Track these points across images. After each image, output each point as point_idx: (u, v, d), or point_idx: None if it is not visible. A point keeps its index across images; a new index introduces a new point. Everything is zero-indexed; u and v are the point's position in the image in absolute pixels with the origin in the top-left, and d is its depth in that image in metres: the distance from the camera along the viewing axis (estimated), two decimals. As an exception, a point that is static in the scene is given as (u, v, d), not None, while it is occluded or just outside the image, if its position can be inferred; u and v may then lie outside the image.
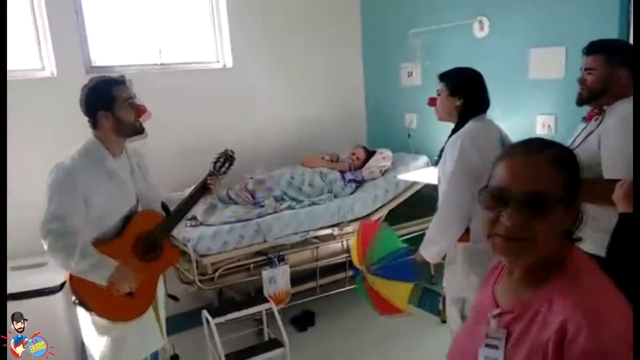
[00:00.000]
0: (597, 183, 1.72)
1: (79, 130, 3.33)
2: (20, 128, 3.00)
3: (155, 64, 3.62)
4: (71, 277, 1.85)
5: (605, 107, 1.92)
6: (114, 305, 1.88)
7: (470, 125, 2.14)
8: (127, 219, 1.98)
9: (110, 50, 3.49)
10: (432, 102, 2.28)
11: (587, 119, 2.05)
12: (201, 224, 3.13)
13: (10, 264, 2.79)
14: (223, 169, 2.26)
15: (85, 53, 3.32)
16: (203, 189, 2.16)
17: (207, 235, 2.99)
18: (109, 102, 1.90)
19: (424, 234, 2.42)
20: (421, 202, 3.52)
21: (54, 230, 1.74)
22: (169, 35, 3.67)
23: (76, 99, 3.40)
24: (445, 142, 2.22)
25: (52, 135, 3.01)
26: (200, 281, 2.98)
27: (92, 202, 1.85)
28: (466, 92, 2.17)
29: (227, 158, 2.27)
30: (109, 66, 3.45)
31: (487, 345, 0.93)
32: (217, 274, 3.02)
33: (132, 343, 1.99)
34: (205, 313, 2.83)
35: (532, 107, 3.13)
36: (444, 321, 2.87)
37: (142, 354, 2.06)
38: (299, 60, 4.10)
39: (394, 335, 3.14)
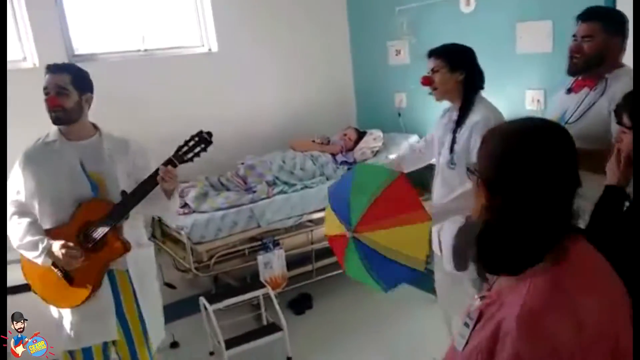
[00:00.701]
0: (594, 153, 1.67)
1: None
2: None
3: (138, 50, 3.56)
4: (22, 264, 1.97)
5: (606, 75, 1.87)
6: (54, 290, 1.94)
7: (489, 106, 2.08)
8: (77, 207, 1.92)
9: (93, 37, 3.43)
10: (426, 81, 2.14)
11: (575, 90, 1.99)
12: (194, 211, 3.12)
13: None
14: (190, 154, 1.93)
15: (67, 42, 3.25)
16: (152, 180, 1.88)
17: (201, 222, 2.98)
18: None
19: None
20: (413, 182, 3.52)
21: (10, 212, 1.93)
22: (152, 20, 3.60)
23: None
24: (457, 123, 2.10)
25: (36, 127, 2.95)
26: (196, 268, 2.98)
27: (41, 184, 1.91)
28: (468, 65, 2.09)
29: (200, 140, 1.94)
30: (92, 54, 3.39)
31: (464, 324, 0.96)
32: (212, 260, 3.02)
33: (77, 327, 1.97)
34: (202, 300, 2.84)
35: (521, 82, 3.13)
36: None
37: (90, 340, 2.02)
38: (286, 42, 4.05)
39: (390, 314, 3.18)
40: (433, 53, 2.14)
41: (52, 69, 1.92)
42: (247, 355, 2.73)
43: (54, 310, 2.02)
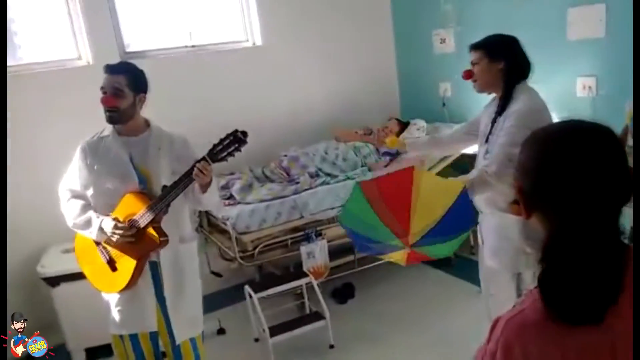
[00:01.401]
0: None
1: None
2: (61, 118, 3.12)
3: (186, 46, 3.66)
4: (76, 253, 2.14)
5: None
6: (101, 275, 2.08)
7: (533, 93, 1.98)
8: (125, 197, 2.02)
9: (143, 35, 3.55)
10: (468, 75, 2.10)
11: None
12: (239, 202, 3.20)
13: (61, 247, 2.94)
14: (224, 153, 1.92)
15: (119, 39, 3.39)
16: (187, 177, 1.91)
17: (245, 213, 3.06)
18: None
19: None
20: (458, 172, 3.47)
21: (63, 195, 2.10)
22: (199, 17, 3.70)
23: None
24: (497, 113, 2.04)
25: (90, 122, 3.11)
26: (241, 258, 3.06)
27: (94, 175, 2.04)
28: (508, 53, 2.02)
29: (234, 140, 1.94)
30: (142, 51, 3.52)
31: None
32: (256, 250, 3.09)
33: (120, 314, 2.08)
34: (247, 288, 2.92)
35: (571, 69, 3.02)
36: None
37: (131, 328, 2.12)
38: (329, 34, 4.05)
39: (433, 306, 3.16)
40: (473, 46, 2.09)
41: (110, 69, 1.99)
42: (291, 342, 2.79)
43: (104, 295, 2.14)
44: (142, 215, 1.94)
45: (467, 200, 1.69)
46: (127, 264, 2.01)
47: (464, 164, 2.80)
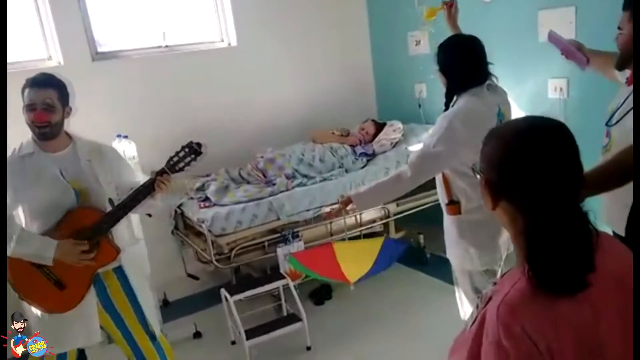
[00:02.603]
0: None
1: (87, 118, 3.37)
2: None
3: (159, 47, 3.62)
4: (8, 270, 1.90)
5: None
6: (45, 295, 1.94)
7: (464, 102, 1.99)
8: (65, 215, 1.94)
9: (115, 35, 3.50)
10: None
11: (629, 82, 1.79)
12: (214, 204, 3.17)
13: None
14: (181, 164, 1.98)
15: (91, 40, 3.33)
16: (147, 189, 1.94)
17: (221, 215, 3.03)
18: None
19: (435, 206, 2.43)
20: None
21: None
22: (172, 16, 3.65)
23: (84, 88, 3.43)
24: None
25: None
26: (217, 260, 3.04)
27: (22, 195, 1.91)
28: (448, 72, 2.04)
29: (190, 151, 1.99)
30: (115, 51, 3.46)
31: (476, 306, 0.97)
32: (233, 252, 3.07)
33: (56, 334, 1.98)
34: (223, 291, 2.90)
35: (543, 71, 3.07)
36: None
37: (73, 344, 2.05)
38: (305, 35, 4.05)
39: (408, 304, 3.19)
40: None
41: (38, 83, 1.90)
42: (268, 345, 2.78)
43: (35, 312, 2.02)
44: (96, 230, 1.92)
45: (391, 242, 1.97)
46: (78, 280, 1.96)
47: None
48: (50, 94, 1.89)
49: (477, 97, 2.00)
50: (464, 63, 2.02)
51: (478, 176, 0.99)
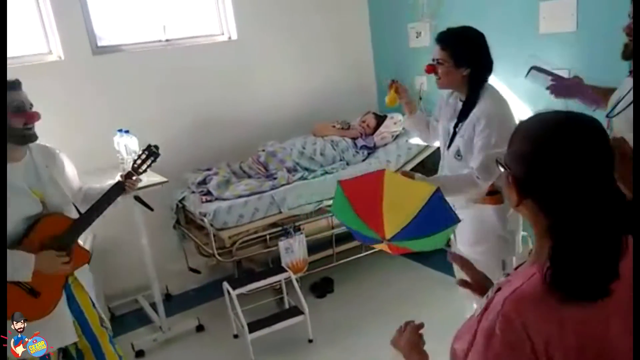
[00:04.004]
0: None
1: (88, 113, 3.38)
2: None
3: (160, 40, 3.60)
4: None
5: None
6: (18, 304, 1.87)
7: (496, 95, 2.02)
8: (34, 222, 1.89)
9: (115, 29, 3.48)
10: (430, 70, 2.06)
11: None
12: (216, 198, 3.18)
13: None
14: (144, 166, 2.16)
15: (91, 34, 3.31)
16: (118, 190, 2.08)
17: (223, 209, 3.04)
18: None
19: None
20: (434, 166, 3.51)
21: None
22: (172, 10, 3.64)
23: (84, 82, 3.43)
24: (459, 117, 2.08)
25: (61, 119, 3.06)
26: (219, 254, 3.04)
27: None
28: (473, 59, 1.98)
29: (150, 154, 2.17)
30: (115, 45, 3.45)
31: (486, 296, 0.96)
32: (235, 246, 3.07)
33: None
34: (226, 285, 2.91)
35: (544, 62, 3.05)
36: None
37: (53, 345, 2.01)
38: (305, 28, 4.03)
39: (410, 298, 3.20)
40: (439, 42, 2.03)
41: (19, 85, 1.87)
42: (270, 338, 2.80)
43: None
44: (68, 236, 1.94)
45: (440, 201, 1.71)
46: (52, 286, 1.95)
47: (433, 163, 2.82)
48: (25, 93, 1.88)
49: (495, 89, 2.03)
50: (486, 52, 2.02)
51: (502, 169, 0.94)
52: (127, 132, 2.97)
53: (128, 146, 3.02)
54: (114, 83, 3.37)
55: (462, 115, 2.07)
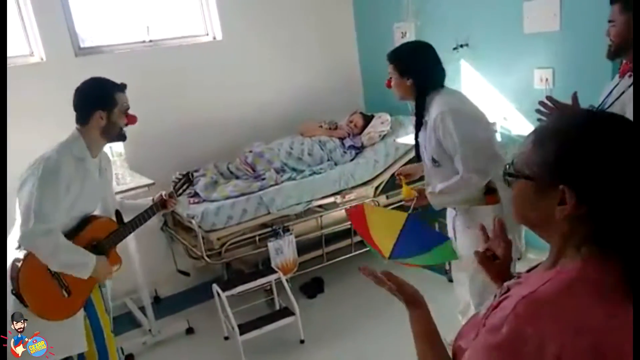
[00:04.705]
0: None
1: (71, 116, 3.31)
2: (11, 117, 2.98)
3: (143, 41, 3.56)
4: (16, 267, 1.88)
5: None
6: (49, 303, 1.93)
7: (442, 98, 2.11)
8: (85, 222, 2.02)
9: (98, 30, 3.43)
10: (388, 83, 2.25)
11: (621, 74, 1.90)
12: (204, 200, 3.15)
13: None
14: (181, 191, 2.36)
15: (73, 35, 3.26)
16: (158, 208, 2.26)
17: (211, 211, 3.02)
18: (110, 104, 2.00)
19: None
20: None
21: (38, 231, 1.80)
22: (156, 10, 3.60)
23: (67, 84, 3.36)
24: (416, 126, 2.24)
25: (43, 121, 3.01)
26: (208, 256, 3.02)
27: (66, 198, 1.91)
28: (415, 70, 2.14)
29: (187, 180, 2.36)
30: (98, 46, 3.40)
31: (494, 295, 0.95)
32: (224, 248, 3.05)
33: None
34: (215, 287, 2.89)
35: (529, 62, 3.10)
36: (450, 280, 2.92)
37: (60, 354, 2.00)
38: (291, 27, 4.03)
39: (401, 296, 3.21)
40: (387, 57, 2.20)
41: (125, 87, 2.09)
42: (261, 339, 2.79)
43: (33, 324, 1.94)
44: (109, 241, 2.08)
45: (417, 225, 1.77)
46: (82, 286, 2.00)
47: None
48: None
49: (445, 94, 2.14)
50: (433, 62, 2.17)
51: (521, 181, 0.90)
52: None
53: (112, 148, 2.98)
54: (98, 84, 3.31)
55: (417, 124, 2.23)
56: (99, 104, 1.99)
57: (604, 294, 0.82)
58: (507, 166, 0.93)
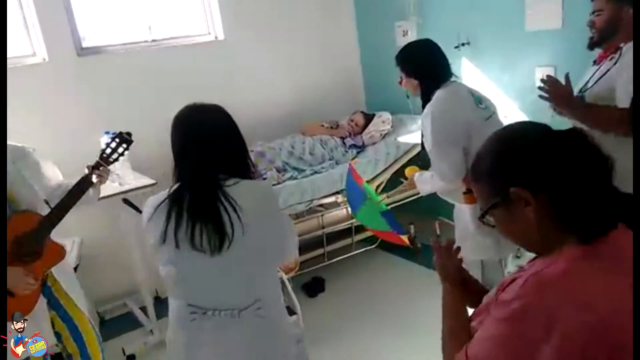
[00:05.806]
0: (604, 108, 1.84)
1: (73, 115, 3.33)
2: (15, 117, 2.99)
3: (145, 41, 3.57)
4: None
5: (622, 45, 1.92)
6: None
7: (437, 95, 2.18)
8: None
9: (100, 30, 3.44)
10: (400, 82, 2.36)
11: (597, 62, 2.07)
12: (206, 199, 3.15)
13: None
14: (115, 155, 2.03)
15: (75, 35, 3.27)
16: (86, 184, 1.96)
17: (213, 210, 3.01)
18: None
19: (425, 197, 2.46)
20: (423, 164, 3.52)
21: None
22: (158, 10, 3.60)
23: (70, 83, 3.38)
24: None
25: (45, 120, 3.03)
26: (210, 255, 3.02)
27: None
28: (418, 72, 2.24)
29: (121, 141, 2.04)
30: (100, 46, 3.41)
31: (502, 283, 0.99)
32: (225, 247, 3.05)
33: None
34: (216, 286, 2.88)
35: (530, 59, 3.09)
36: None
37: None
38: (292, 27, 4.02)
39: (402, 295, 3.20)
40: (395, 59, 2.31)
41: None
42: (262, 339, 2.78)
43: None
44: (37, 233, 1.88)
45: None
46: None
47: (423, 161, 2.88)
48: None
49: (447, 88, 2.20)
50: (436, 61, 2.24)
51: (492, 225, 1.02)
52: (114, 133, 2.94)
53: (115, 148, 2.97)
54: (99, 84, 3.33)
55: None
56: None
57: (605, 269, 0.87)
58: (479, 217, 1.02)
